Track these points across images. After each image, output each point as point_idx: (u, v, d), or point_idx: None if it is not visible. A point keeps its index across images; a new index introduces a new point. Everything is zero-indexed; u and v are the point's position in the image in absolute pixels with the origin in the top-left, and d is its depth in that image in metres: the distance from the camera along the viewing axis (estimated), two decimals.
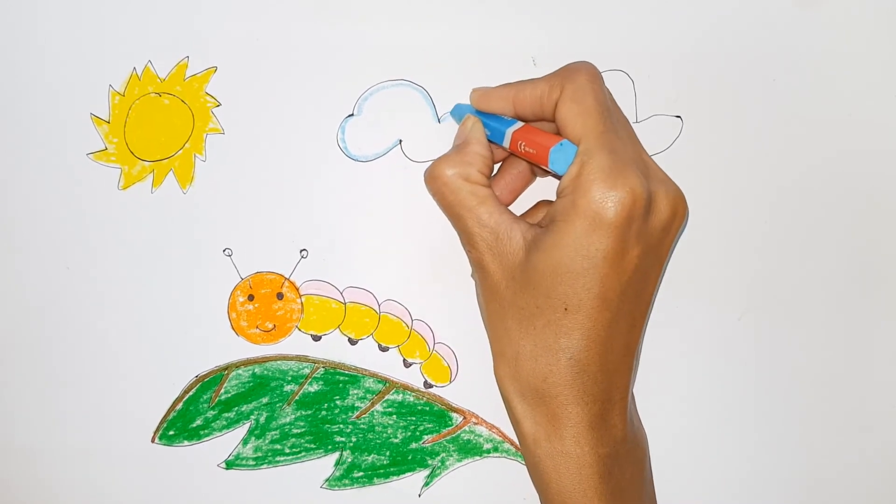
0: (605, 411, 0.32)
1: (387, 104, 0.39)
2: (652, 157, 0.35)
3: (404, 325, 0.40)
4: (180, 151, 0.39)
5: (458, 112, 0.38)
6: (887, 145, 0.40)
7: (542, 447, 0.32)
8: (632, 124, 0.35)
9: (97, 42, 0.38)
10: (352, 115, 0.39)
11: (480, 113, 0.36)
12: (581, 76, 0.32)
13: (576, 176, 0.31)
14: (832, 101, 0.40)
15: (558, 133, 0.33)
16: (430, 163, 0.35)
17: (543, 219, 0.33)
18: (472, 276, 0.36)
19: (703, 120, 0.39)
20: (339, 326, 0.40)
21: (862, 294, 0.41)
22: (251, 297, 0.40)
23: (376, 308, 0.40)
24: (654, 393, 0.40)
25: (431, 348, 0.40)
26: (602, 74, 0.34)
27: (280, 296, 0.40)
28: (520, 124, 0.34)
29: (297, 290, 0.40)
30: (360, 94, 0.39)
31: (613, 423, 0.32)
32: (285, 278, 0.40)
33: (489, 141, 0.35)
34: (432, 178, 0.34)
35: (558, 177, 0.33)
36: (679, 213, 0.32)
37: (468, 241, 0.34)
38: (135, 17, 0.38)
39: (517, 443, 0.40)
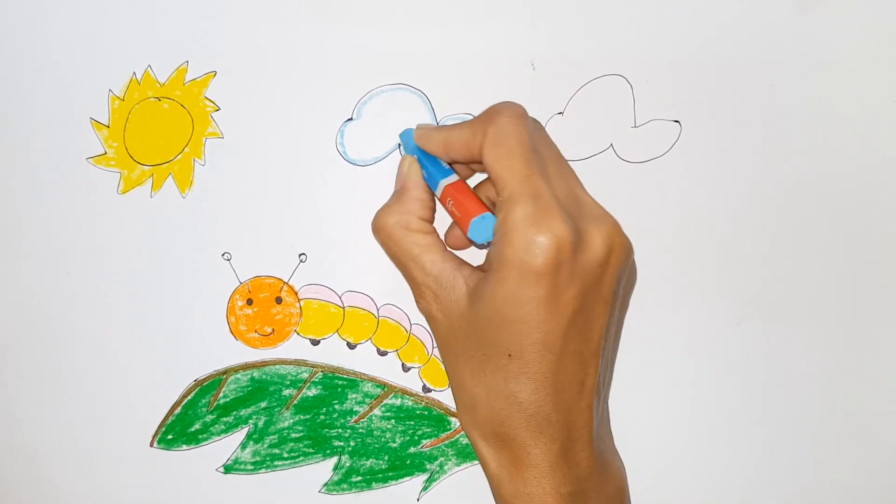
0: (566, 450, 0.32)
1: (386, 108, 0.39)
2: (649, 161, 0.35)
3: (403, 329, 0.40)
4: (179, 156, 0.39)
5: (405, 139, 0.37)
6: (886, 151, 0.40)
7: (505, 488, 0.33)
8: (630, 129, 0.35)
9: (97, 46, 0.38)
10: (351, 119, 0.39)
11: (421, 152, 0.36)
12: (502, 117, 0.32)
13: (501, 224, 0.31)
14: (831, 107, 0.40)
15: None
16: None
17: (483, 264, 0.33)
18: None
19: (702, 125, 0.39)
20: (337, 330, 0.40)
21: (861, 300, 0.41)
22: (250, 302, 0.40)
23: (375, 312, 0.40)
24: (652, 399, 0.40)
25: (430, 352, 0.40)
26: (526, 112, 0.33)
27: (279, 300, 0.40)
28: (454, 178, 0.34)
29: (296, 294, 0.40)
30: (359, 98, 0.39)
31: (577, 462, 0.32)
32: (284, 282, 0.40)
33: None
34: (376, 230, 0.35)
35: (478, 246, 0.33)
36: (616, 248, 0.31)
37: (414, 290, 0.34)
38: (134, 22, 0.38)
39: None
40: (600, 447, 0.34)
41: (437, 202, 0.36)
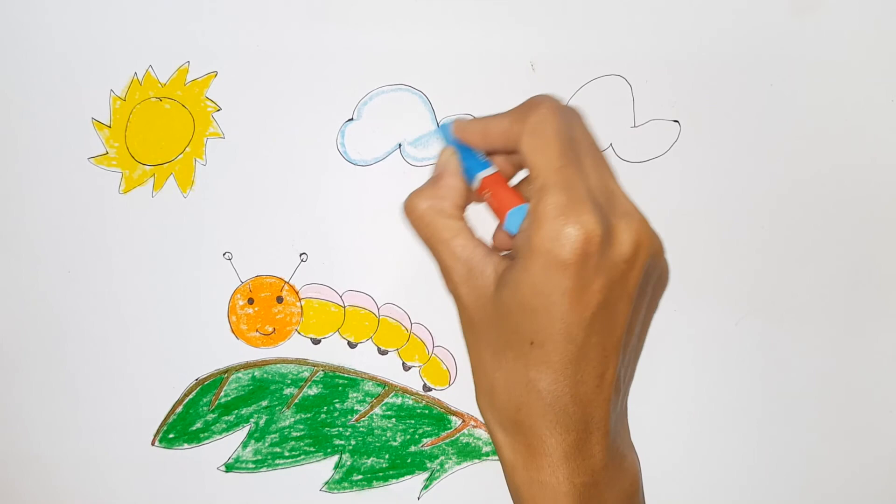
0: (581, 441, 0.32)
1: (386, 109, 0.39)
2: (648, 161, 0.36)
3: (403, 328, 0.40)
4: (181, 156, 0.39)
5: (443, 132, 0.38)
6: (884, 150, 0.41)
7: (519, 475, 0.33)
8: (629, 128, 0.35)
9: (98, 47, 0.38)
10: (351, 119, 0.39)
11: (460, 145, 0.36)
12: (542, 108, 0.32)
13: (531, 212, 0.31)
14: (828, 107, 0.40)
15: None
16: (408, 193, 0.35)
17: (511, 252, 0.33)
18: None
19: (701, 125, 0.39)
20: (338, 330, 0.40)
21: (859, 299, 0.41)
22: (251, 301, 0.40)
23: (376, 312, 0.40)
24: (651, 397, 0.41)
25: (430, 352, 0.40)
26: (564, 104, 0.34)
27: (280, 299, 0.40)
28: (492, 170, 0.34)
29: (297, 293, 0.40)
30: (359, 98, 0.39)
31: (591, 453, 0.33)
32: (285, 282, 0.40)
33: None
34: (407, 211, 0.35)
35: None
36: (643, 244, 0.32)
37: (444, 273, 0.35)
38: (136, 23, 0.38)
39: None
40: (616, 441, 0.34)
41: (474, 198, 0.36)
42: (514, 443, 0.33)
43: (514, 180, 0.38)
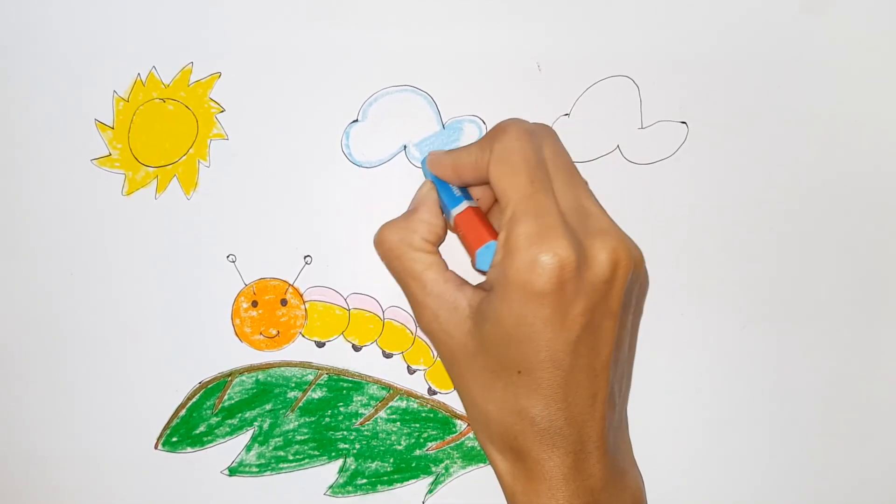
0: (579, 462, 0.32)
1: (391, 110, 0.39)
2: (656, 163, 0.35)
3: (408, 331, 0.40)
4: (184, 157, 0.39)
5: (424, 165, 0.38)
6: (895, 151, 0.40)
7: (519, 500, 0.33)
8: (637, 130, 0.35)
9: (101, 48, 0.38)
10: (356, 120, 0.39)
11: (436, 179, 0.36)
12: (507, 135, 0.32)
13: (504, 244, 0.31)
14: (838, 108, 0.40)
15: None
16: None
17: (485, 283, 0.33)
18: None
19: (709, 126, 0.39)
20: (342, 333, 0.40)
21: (868, 302, 0.41)
22: (255, 304, 0.40)
23: (380, 314, 0.40)
24: (658, 401, 0.40)
25: (435, 355, 0.40)
26: (532, 126, 0.33)
27: (284, 302, 0.39)
28: (465, 205, 0.34)
29: (301, 296, 0.40)
30: (364, 99, 0.39)
31: (591, 473, 0.33)
32: (289, 284, 0.40)
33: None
34: (378, 244, 0.35)
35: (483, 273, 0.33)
36: (621, 262, 0.31)
37: (414, 308, 0.34)
38: (139, 23, 0.38)
39: None
40: (616, 458, 0.34)
41: (452, 231, 0.36)
42: (513, 469, 0.33)
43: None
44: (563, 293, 0.29)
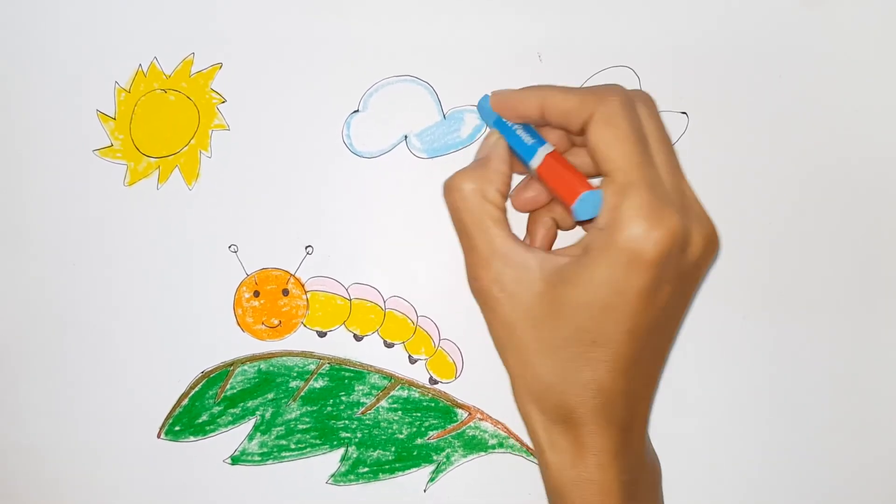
0: (627, 439, 0.32)
1: (392, 100, 0.39)
2: None
3: (410, 321, 0.40)
4: (186, 148, 0.39)
5: (483, 108, 0.35)
6: (894, 143, 0.40)
7: (566, 474, 0.32)
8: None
9: (103, 39, 0.38)
10: (357, 111, 0.39)
11: (502, 123, 0.34)
12: (615, 99, 0.31)
13: (612, 209, 0.30)
14: (838, 98, 0.40)
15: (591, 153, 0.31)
16: (451, 174, 0.33)
17: (572, 249, 0.32)
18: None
19: (709, 117, 0.39)
20: (344, 322, 0.40)
21: (868, 294, 0.41)
22: (257, 294, 0.40)
23: (382, 304, 0.40)
24: (659, 394, 0.40)
25: (437, 344, 0.40)
26: (639, 92, 0.32)
27: (286, 292, 0.40)
28: (545, 153, 0.32)
29: (303, 286, 0.40)
30: (365, 89, 0.39)
31: (635, 451, 0.33)
32: (291, 274, 0.40)
33: (512, 155, 0.34)
34: (449, 190, 0.33)
35: (579, 222, 0.32)
36: (711, 249, 0.31)
37: (476, 262, 0.32)
38: (140, 14, 0.38)
39: (522, 438, 0.40)
40: (646, 436, 0.34)
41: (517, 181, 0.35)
42: (561, 441, 0.32)
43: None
44: (664, 268, 0.29)
